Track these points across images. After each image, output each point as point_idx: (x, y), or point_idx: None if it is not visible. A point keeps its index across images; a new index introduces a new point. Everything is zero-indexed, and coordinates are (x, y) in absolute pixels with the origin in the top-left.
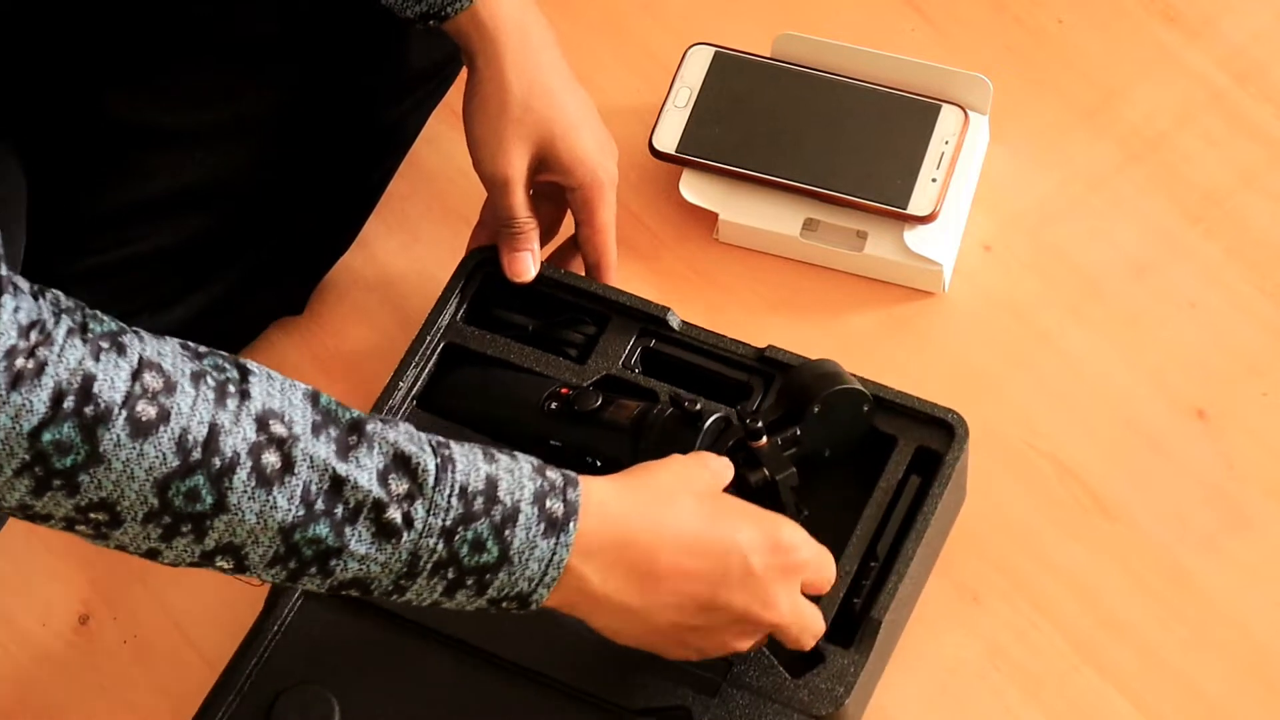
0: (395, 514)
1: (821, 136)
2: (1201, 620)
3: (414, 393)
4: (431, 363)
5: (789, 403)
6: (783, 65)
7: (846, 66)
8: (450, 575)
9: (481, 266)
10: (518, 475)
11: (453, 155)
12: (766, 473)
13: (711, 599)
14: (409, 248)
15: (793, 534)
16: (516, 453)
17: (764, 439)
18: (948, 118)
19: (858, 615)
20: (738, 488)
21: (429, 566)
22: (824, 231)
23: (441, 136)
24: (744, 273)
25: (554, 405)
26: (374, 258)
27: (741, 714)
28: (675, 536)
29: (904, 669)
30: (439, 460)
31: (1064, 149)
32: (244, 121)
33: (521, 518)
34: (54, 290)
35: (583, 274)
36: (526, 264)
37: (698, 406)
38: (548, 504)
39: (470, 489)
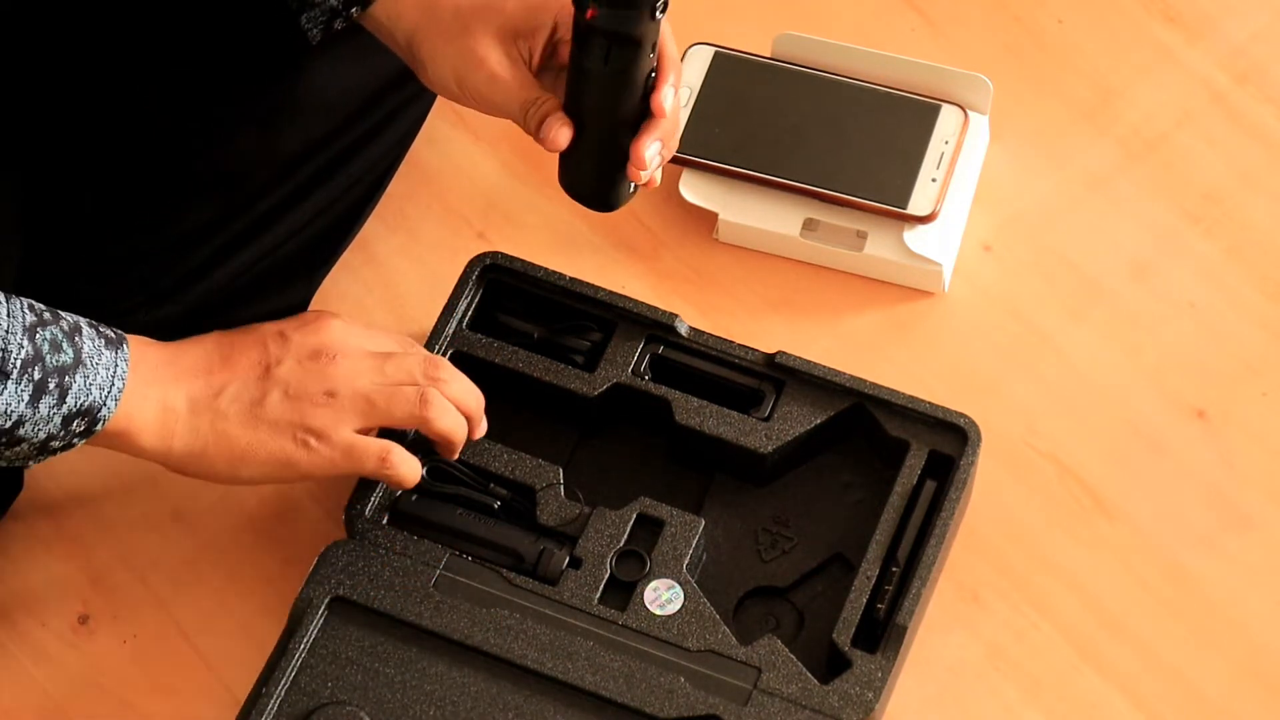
0: None
1: (821, 136)
2: (1201, 620)
3: None
4: None
5: None
6: (783, 65)
7: (846, 66)
8: (35, 375)
9: (487, 273)
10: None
11: (452, 155)
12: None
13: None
14: (409, 248)
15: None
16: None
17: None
18: (948, 118)
19: (883, 621)
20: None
21: (18, 364)
22: (824, 231)
23: (441, 136)
24: (744, 273)
25: None
26: (374, 258)
27: None
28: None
29: (904, 669)
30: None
31: (1064, 149)
32: (243, 116)
33: (85, 331)
34: None
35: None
36: (556, 126)
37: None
38: (102, 328)
39: (36, 305)
